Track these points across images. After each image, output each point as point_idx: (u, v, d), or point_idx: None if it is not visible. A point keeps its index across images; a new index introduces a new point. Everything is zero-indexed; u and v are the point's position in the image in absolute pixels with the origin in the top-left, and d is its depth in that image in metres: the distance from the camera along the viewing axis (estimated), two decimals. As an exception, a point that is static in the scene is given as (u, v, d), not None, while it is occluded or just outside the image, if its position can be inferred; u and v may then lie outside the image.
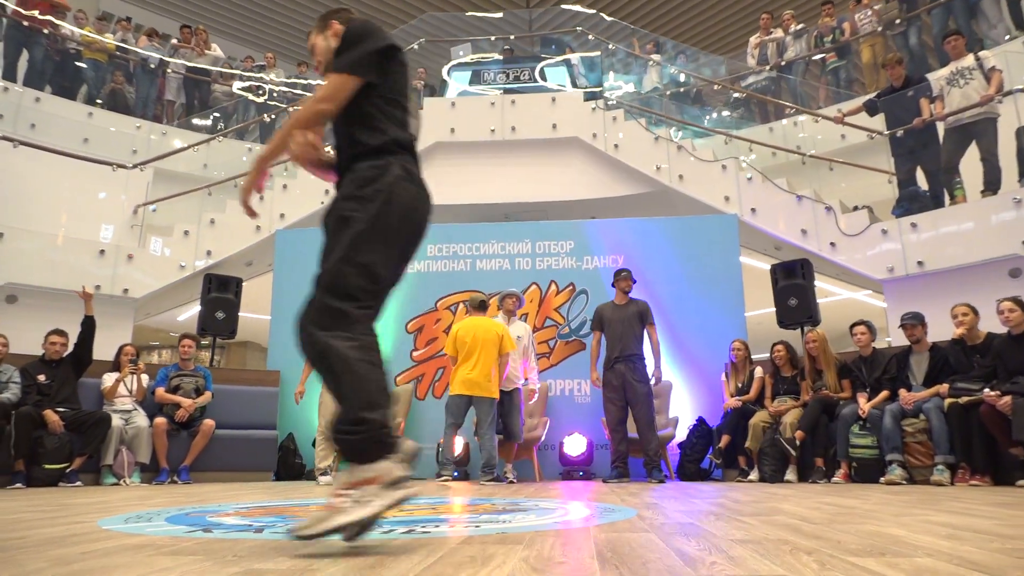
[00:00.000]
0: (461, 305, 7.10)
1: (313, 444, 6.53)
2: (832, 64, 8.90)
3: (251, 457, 6.25)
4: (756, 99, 9.09)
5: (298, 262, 7.22)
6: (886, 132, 6.66)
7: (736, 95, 9.37)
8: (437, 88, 9.79)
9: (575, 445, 6.38)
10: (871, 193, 7.17)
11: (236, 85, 9.78)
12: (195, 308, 9.67)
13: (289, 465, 6.52)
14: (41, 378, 5.41)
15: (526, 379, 5.97)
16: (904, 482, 4.70)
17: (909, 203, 6.38)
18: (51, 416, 5.19)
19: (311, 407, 6.74)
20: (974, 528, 1.90)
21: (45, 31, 8.65)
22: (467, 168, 8.36)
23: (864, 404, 5.15)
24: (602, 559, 1.39)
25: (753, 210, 7.25)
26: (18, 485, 4.95)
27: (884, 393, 5.19)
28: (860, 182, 7.39)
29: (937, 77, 6.45)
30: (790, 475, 5.31)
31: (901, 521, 2.14)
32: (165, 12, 14.24)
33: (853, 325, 5.70)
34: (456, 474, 6.47)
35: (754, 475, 5.49)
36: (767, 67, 9.26)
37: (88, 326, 5.72)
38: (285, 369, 6.83)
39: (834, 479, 5.08)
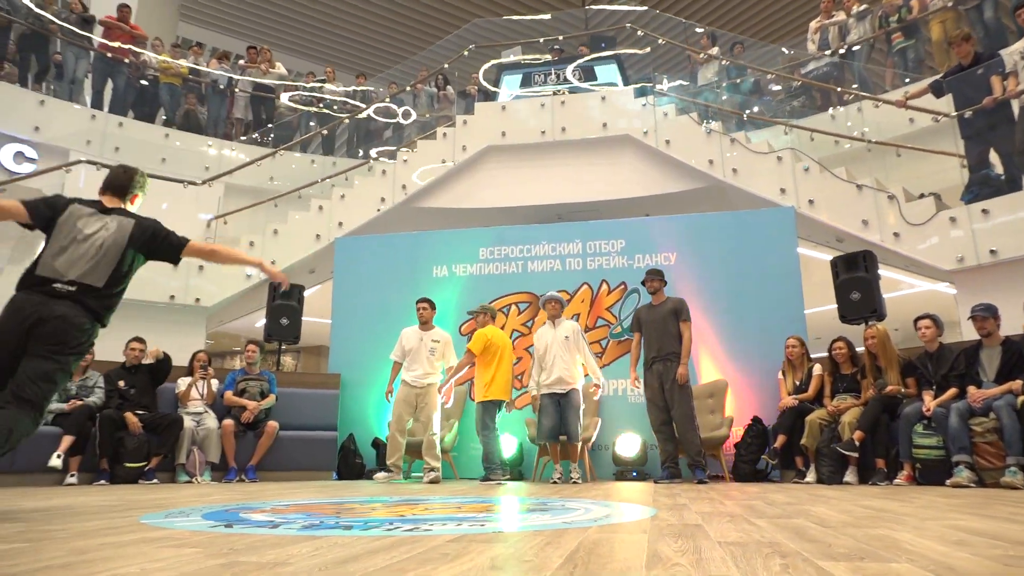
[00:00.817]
0: (499, 313, 7.19)
1: (374, 444, 6.79)
2: (899, 44, 8.45)
3: (314, 457, 6.51)
4: (815, 86, 8.74)
5: (356, 268, 7.48)
6: (954, 114, 6.28)
7: (795, 83, 9.02)
8: (488, 93, 9.90)
9: (628, 445, 6.33)
10: (939, 179, 6.78)
11: (286, 97, 10.20)
12: (263, 320, 10.19)
13: (350, 464, 6.75)
14: (121, 384, 5.82)
15: (587, 375, 5.92)
16: (972, 485, 4.42)
17: (980, 188, 5.99)
18: (131, 418, 5.59)
19: (369, 408, 6.99)
20: (992, 534, 1.81)
21: (126, 60, 9.30)
22: (519, 170, 8.43)
23: (929, 402, 4.88)
24: (570, 559, 1.42)
25: (811, 201, 6.99)
26: (102, 482, 5.36)
27: (952, 391, 4.90)
28: (927, 168, 6.99)
29: (1010, 52, 6.04)
30: (850, 476, 5.08)
31: (923, 526, 2.05)
32: (233, 33, 15.01)
33: (917, 319, 5.40)
34: (511, 475, 6.55)
35: (811, 476, 5.30)
36: (828, 52, 8.89)
37: (166, 363, 6.02)
38: (346, 372, 7.08)
39: (896, 481, 4.84)
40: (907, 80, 7.98)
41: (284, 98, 9.96)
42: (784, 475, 5.80)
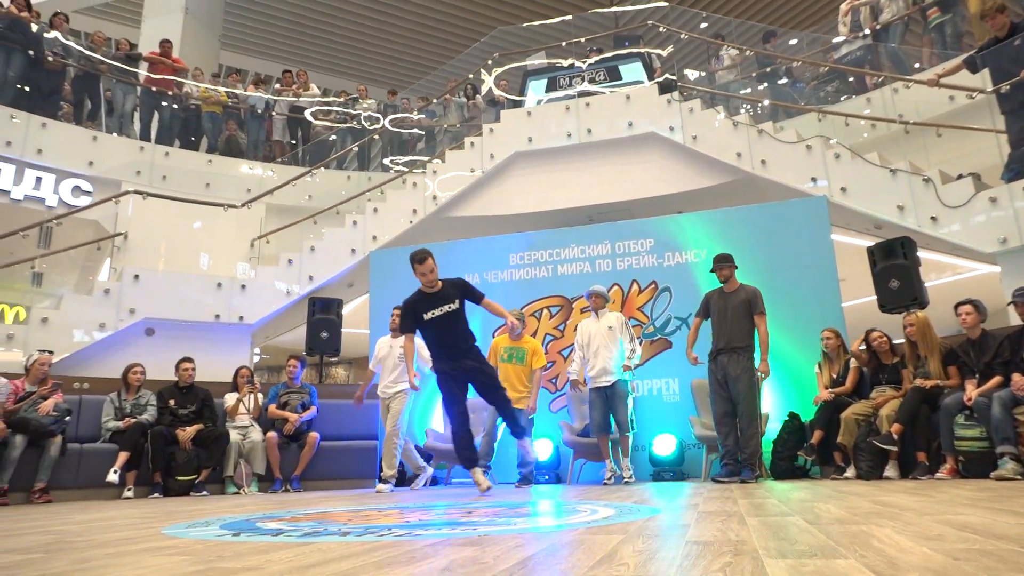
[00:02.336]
0: (545, 311, 7.24)
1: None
2: (935, 20, 8.13)
3: (355, 465, 6.70)
4: (846, 71, 8.50)
5: (391, 280, 7.65)
6: (990, 89, 6.02)
7: (823, 69, 8.79)
8: (516, 100, 9.97)
9: (665, 445, 6.29)
10: (978, 159, 6.50)
11: (327, 117, 10.52)
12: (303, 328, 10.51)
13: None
14: (172, 402, 6.13)
15: (629, 358, 5.83)
16: (1018, 477, 4.24)
17: (1021, 165, 5.73)
18: (181, 434, 5.88)
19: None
20: (978, 528, 1.77)
21: (170, 92, 9.77)
22: (547, 175, 8.47)
23: (971, 391, 4.70)
24: (523, 562, 1.47)
25: (843, 189, 6.80)
26: (156, 495, 5.66)
27: (996, 379, 4.70)
28: (967, 147, 6.71)
29: (1049, 21, 5.76)
30: (890, 471, 4.93)
31: (917, 521, 2.01)
32: (271, 57, 15.55)
33: (958, 304, 5.21)
34: (549, 477, 6.60)
35: (850, 472, 5.16)
36: (861, 34, 8.63)
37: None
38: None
39: (939, 475, 4.67)
40: (946, 56, 7.67)
41: (309, 115, 10.28)
42: (823, 471, 5.66)
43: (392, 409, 5.87)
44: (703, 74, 9.27)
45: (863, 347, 5.63)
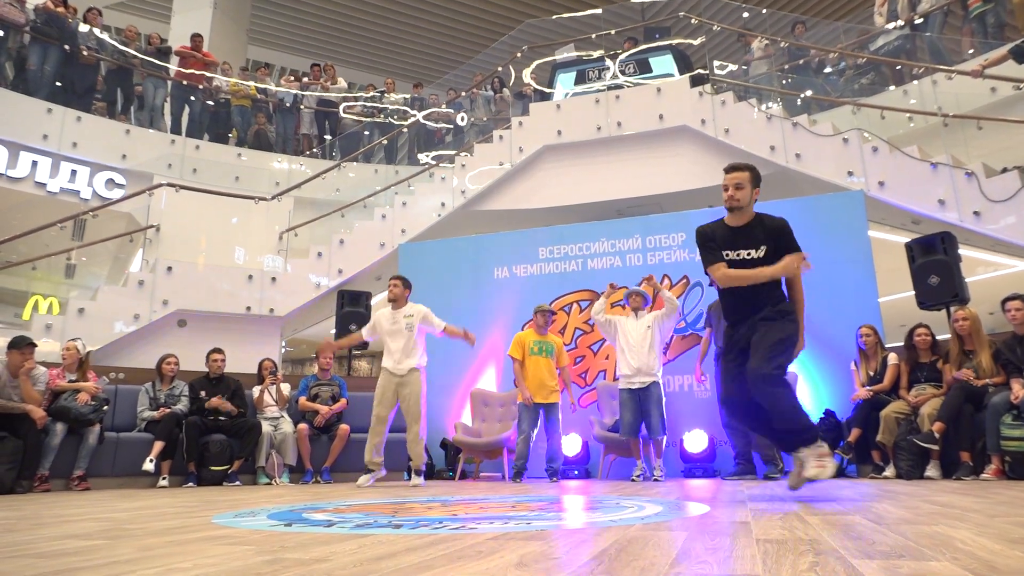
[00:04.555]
0: (576, 305, 7.19)
1: (442, 445, 6.94)
2: (976, 9, 7.92)
3: (386, 457, 6.69)
4: (881, 62, 8.32)
5: (420, 273, 7.63)
6: (1038, 81, 5.86)
7: (860, 61, 8.62)
8: (544, 93, 9.92)
9: (696, 442, 6.23)
10: (1022, 154, 6.33)
11: (355, 111, 10.53)
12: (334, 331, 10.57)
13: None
14: (203, 393, 6.18)
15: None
16: (1069, 478, 4.13)
17: (1071, 159, 5.56)
18: (215, 400, 5.95)
19: (436, 409, 7.12)
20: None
21: (200, 87, 9.85)
22: (576, 168, 8.41)
23: (1018, 390, 4.58)
24: (598, 557, 1.44)
25: (881, 183, 6.66)
26: (190, 484, 5.72)
27: (1045, 377, 4.59)
28: (1011, 140, 6.54)
29: (1099, 9, 5.58)
30: (932, 471, 4.83)
31: (988, 523, 1.95)
32: (298, 51, 15.62)
33: (1006, 300, 5.08)
34: (578, 473, 6.56)
35: (889, 471, 5.07)
36: (898, 24, 8.45)
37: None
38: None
39: (983, 476, 4.56)
40: (987, 47, 7.48)
41: (343, 110, 10.29)
42: (860, 470, 5.57)
43: (410, 392, 5.36)
44: (735, 67, 9.12)
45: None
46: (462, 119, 10.10)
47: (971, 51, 7.82)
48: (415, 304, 5.58)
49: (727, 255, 3.21)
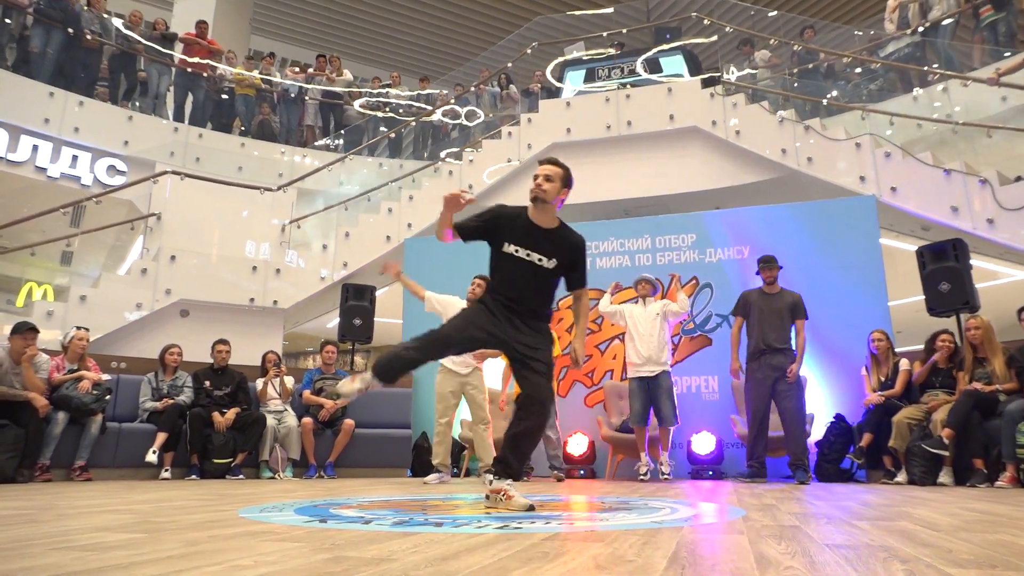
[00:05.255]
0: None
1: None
2: (988, 18, 7.94)
3: (389, 454, 6.63)
4: (897, 68, 8.32)
5: (426, 268, 7.57)
6: (1054, 90, 5.86)
7: (874, 66, 8.61)
8: (553, 90, 9.87)
9: (703, 443, 6.19)
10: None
11: (356, 104, 10.44)
12: (337, 320, 10.48)
13: (424, 462, 6.83)
14: (207, 384, 6.08)
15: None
16: (1086, 487, 4.12)
17: (1087, 168, 5.57)
18: (217, 417, 5.83)
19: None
20: None
21: (205, 75, 9.72)
22: (585, 166, 8.35)
23: (1034, 398, 4.57)
24: (674, 560, 1.38)
25: (893, 189, 6.66)
26: (193, 476, 5.63)
27: (1060, 386, 4.58)
28: (1020, 150, 6.54)
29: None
30: (944, 478, 4.81)
31: (1046, 531, 1.91)
32: (302, 43, 15.48)
33: (1022, 310, 5.08)
34: (583, 472, 6.52)
35: (901, 477, 5.05)
36: (909, 31, 8.45)
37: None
38: (418, 371, 7.16)
39: (998, 483, 4.55)
40: (1006, 54, 7.48)
41: (355, 105, 10.20)
42: (871, 475, 5.55)
43: (477, 391, 5.34)
44: (747, 71, 9.10)
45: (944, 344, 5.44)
46: (473, 115, 10.01)
47: (982, 59, 7.83)
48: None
49: (515, 250, 2.90)
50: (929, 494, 3.77)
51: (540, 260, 2.89)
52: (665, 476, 5.47)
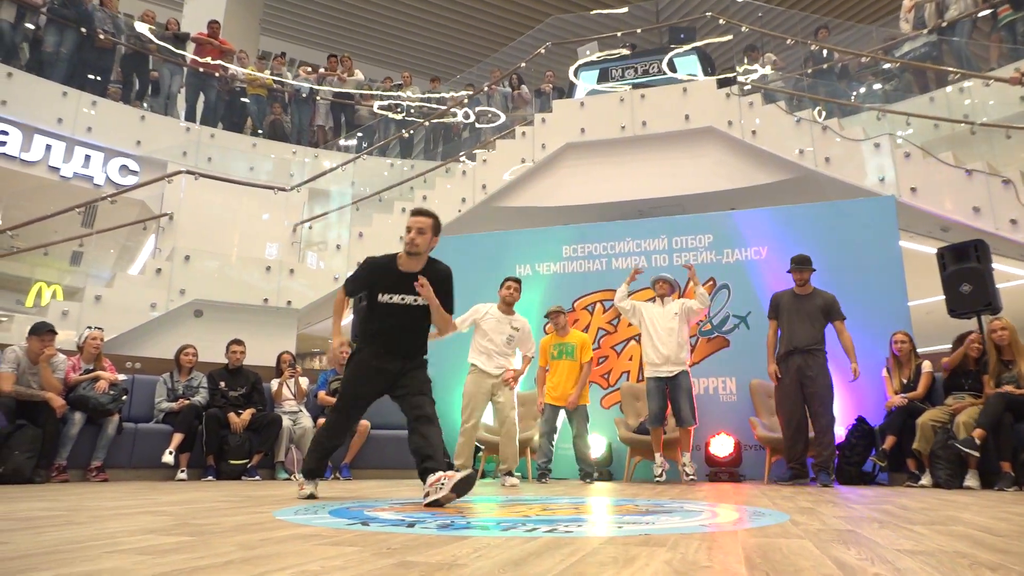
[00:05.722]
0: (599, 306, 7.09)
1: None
2: (1006, 18, 7.89)
3: (405, 456, 6.48)
4: (913, 67, 8.27)
5: (439, 269, 7.54)
6: (1078, 90, 5.81)
7: (888, 65, 8.56)
8: (566, 89, 9.84)
9: (722, 446, 6.14)
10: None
11: (376, 105, 10.42)
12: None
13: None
14: (222, 384, 6.05)
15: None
16: (1118, 491, 4.06)
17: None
18: (233, 418, 5.79)
19: (455, 408, 7.02)
20: None
21: (216, 75, 9.70)
22: (599, 167, 8.32)
23: (1064, 401, 4.51)
24: (751, 565, 1.34)
25: (913, 189, 6.61)
26: (209, 478, 5.59)
27: (1089, 389, 4.52)
28: (1048, 149, 6.50)
29: None
30: (971, 481, 4.75)
31: (1111, 536, 1.86)
32: (311, 44, 15.46)
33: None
34: (597, 475, 6.46)
35: (926, 480, 4.99)
36: (925, 31, 8.40)
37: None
38: (431, 371, 7.11)
39: (1027, 487, 4.49)
40: (1017, 55, 7.44)
41: (375, 106, 10.16)
42: (892, 478, 5.50)
43: (508, 395, 5.26)
44: (759, 73, 9.06)
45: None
46: (493, 116, 9.97)
47: (999, 59, 7.78)
48: (521, 317, 5.54)
49: (389, 298, 3.24)
50: (962, 497, 3.72)
51: (416, 300, 3.25)
52: (691, 477, 5.41)
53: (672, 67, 8.86)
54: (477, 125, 10.07)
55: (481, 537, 1.77)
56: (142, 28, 9.12)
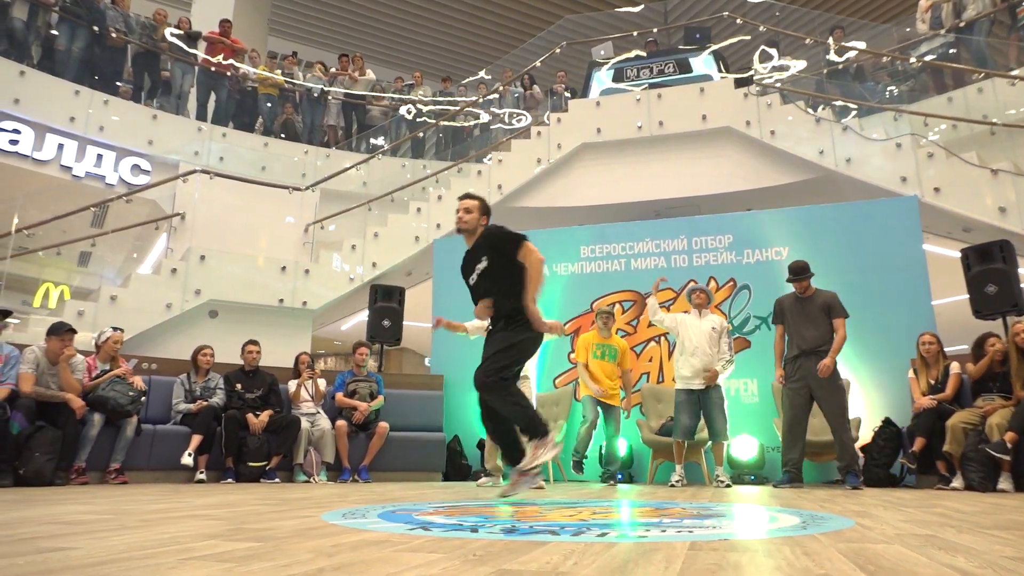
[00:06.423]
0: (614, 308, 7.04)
1: (479, 446, 6.76)
2: (1025, 18, 7.86)
3: (422, 458, 6.52)
4: (932, 67, 8.22)
5: (455, 268, 7.46)
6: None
7: (905, 64, 8.51)
8: (579, 90, 9.79)
9: (744, 448, 6.09)
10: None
11: (404, 108, 10.36)
12: (357, 318, 10.35)
13: (456, 466, 6.75)
14: (238, 386, 5.98)
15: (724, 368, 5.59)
16: None
17: None
18: (252, 419, 5.73)
19: (472, 410, 6.95)
20: None
21: (228, 74, 9.64)
22: (615, 167, 8.27)
23: (1098, 403, 4.45)
24: (868, 572, 1.28)
25: (937, 190, 6.56)
26: (228, 480, 5.52)
27: (1123, 391, 4.47)
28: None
29: None
30: (1004, 483, 4.69)
31: None
32: (320, 45, 15.41)
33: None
34: (620, 476, 6.40)
35: (957, 482, 4.93)
36: (942, 31, 8.35)
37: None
38: (448, 373, 7.08)
39: (1063, 489, 4.43)
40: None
41: (401, 109, 10.11)
42: (921, 480, 5.44)
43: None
44: (788, 70, 9.00)
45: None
46: (510, 116, 9.91)
47: (1019, 59, 7.73)
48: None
49: (470, 280, 3.63)
50: (1004, 500, 3.66)
51: (479, 269, 3.53)
52: (725, 484, 5.32)
53: (688, 67, 8.80)
54: (492, 126, 10.01)
55: (559, 543, 1.71)
56: (170, 34, 9.06)
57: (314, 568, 1.29)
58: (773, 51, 8.73)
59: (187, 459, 5.33)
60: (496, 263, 3.44)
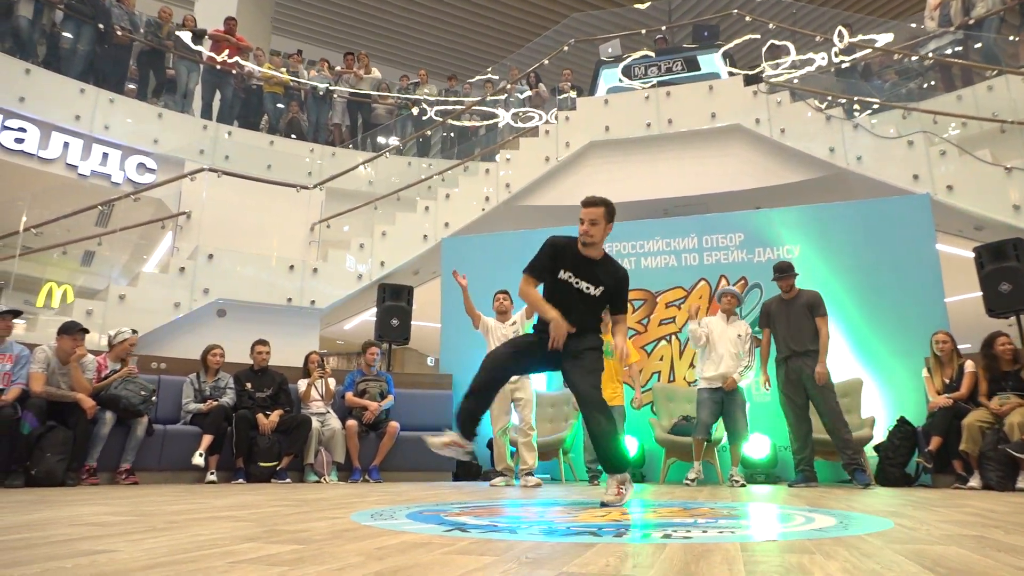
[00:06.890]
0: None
1: (488, 446, 6.72)
2: (1035, 15, 7.83)
3: (432, 458, 6.35)
4: (941, 64, 8.19)
5: (464, 268, 7.41)
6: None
7: (913, 61, 8.48)
8: (585, 88, 9.75)
9: (756, 447, 6.06)
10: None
11: (434, 109, 10.31)
12: (361, 317, 10.31)
13: (466, 466, 6.71)
14: (248, 386, 5.94)
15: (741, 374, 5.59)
16: None
17: None
18: (262, 419, 5.69)
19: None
20: None
21: (233, 72, 9.59)
22: (623, 165, 8.23)
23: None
24: (933, 570, 1.24)
25: (949, 187, 6.52)
26: (240, 480, 5.48)
27: None
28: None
29: None
30: (1023, 483, 4.67)
31: None
32: (324, 44, 15.35)
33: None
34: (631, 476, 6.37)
35: (975, 481, 4.90)
36: (951, 28, 8.32)
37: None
38: (457, 373, 7.04)
39: (1083, 489, 4.41)
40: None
41: (426, 112, 10.07)
42: (936, 480, 5.41)
43: (527, 398, 5.40)
44: (798, 68, 8.97)
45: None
46: (515, 116, 9.87)
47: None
48: (513, 315, 5.78)
49: (568, 277, 3.18)
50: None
51: (588, 288, 3.17)
52: (741, 484, 5.31)
53: (696, 65, 8.77)
54: (500, 124, 9.97)
55: (607, 544, 1.67)
56: (186, 36, 9.02)
57: (371, 572, 1.25)
58: (790, 45, 8.69)
59: (198, 459, 5.29)
60: (606, 300, 3.23)
